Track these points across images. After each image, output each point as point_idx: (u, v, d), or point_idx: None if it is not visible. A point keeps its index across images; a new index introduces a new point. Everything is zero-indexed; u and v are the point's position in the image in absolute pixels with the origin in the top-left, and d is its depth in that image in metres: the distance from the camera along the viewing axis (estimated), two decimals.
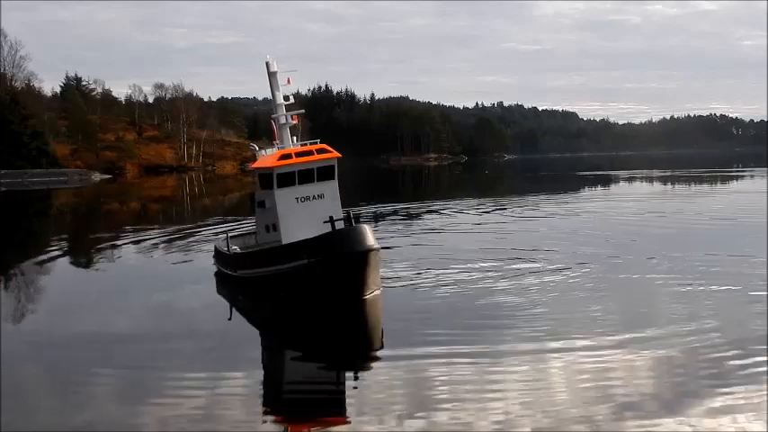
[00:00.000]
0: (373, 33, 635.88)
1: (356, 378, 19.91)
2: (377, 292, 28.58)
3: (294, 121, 31.99)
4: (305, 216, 30.37)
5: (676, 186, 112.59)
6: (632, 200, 78.43)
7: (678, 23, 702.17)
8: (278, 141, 32.51)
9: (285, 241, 29.92)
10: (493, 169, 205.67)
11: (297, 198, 30.68)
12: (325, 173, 31.52)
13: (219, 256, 35.15)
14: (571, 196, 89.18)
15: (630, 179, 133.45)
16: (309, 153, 31.00)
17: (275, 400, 18.84)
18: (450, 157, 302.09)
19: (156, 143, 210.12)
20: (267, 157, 31.64)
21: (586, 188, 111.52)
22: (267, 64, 31.85)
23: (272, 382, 20.41)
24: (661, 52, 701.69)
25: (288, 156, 30.60)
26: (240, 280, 31.54)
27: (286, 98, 32.31)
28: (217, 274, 34.81)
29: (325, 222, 27.99)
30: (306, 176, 30.88)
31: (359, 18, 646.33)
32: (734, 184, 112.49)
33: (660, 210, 62.77)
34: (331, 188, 31.77)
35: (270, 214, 30.82)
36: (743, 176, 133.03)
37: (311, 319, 26.82)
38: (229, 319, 28.32)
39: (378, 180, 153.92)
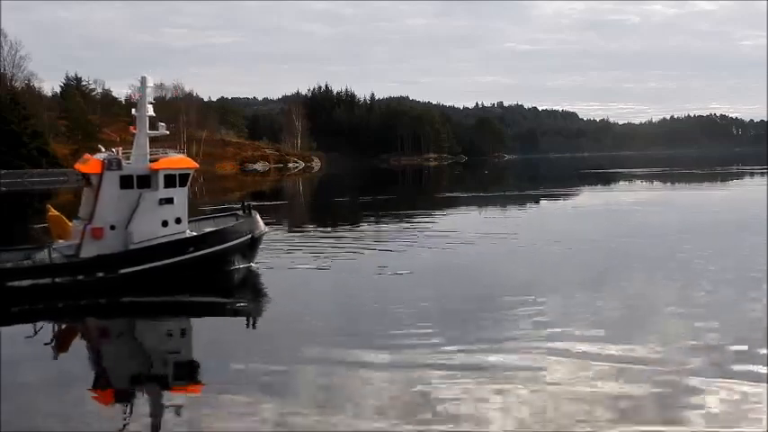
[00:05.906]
0: (373, 33, 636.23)
1: None
2: None
3: (167, 132, 37.29)
4: None
5: (676, 185, 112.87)
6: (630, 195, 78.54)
7: (678, 23, 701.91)
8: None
9: (187, 232, 33.60)
10: (493, 169, 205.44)
11: None
12: None
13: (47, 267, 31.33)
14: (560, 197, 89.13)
15: (629, 178, 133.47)
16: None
17: None
18: (450, 157, 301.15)
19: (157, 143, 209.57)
20: (174, 159, 34.78)
21: (584, 188, 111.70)
22: (144, 78, 36.18)
23: None
24: (661, 52, 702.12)
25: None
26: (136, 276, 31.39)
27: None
28: None
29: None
30: None
31: (359, 18, 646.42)
32: (733, 183, 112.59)
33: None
34: None
35: (177, 209, 33.55)
36: (743, 175, 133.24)
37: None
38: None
39: (377, 180, 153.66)
